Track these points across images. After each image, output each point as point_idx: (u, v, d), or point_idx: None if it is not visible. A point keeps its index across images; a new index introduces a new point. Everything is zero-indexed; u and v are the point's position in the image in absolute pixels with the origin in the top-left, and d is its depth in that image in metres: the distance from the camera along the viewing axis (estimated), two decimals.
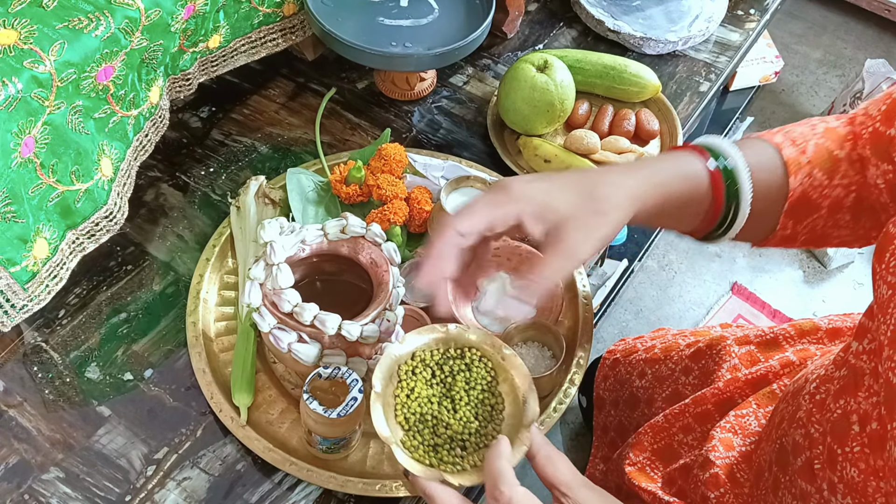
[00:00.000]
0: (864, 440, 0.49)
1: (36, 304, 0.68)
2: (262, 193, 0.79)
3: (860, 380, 0.51)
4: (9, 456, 0.66)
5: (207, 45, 0.78)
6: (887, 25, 2.28)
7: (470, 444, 0.54)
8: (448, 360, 0.57)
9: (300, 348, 0.62)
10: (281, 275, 0.61)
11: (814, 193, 0.59)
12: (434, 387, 0.56)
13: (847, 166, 0.59)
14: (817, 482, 0.54)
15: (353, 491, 0.64)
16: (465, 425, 0.54)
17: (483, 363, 0.57)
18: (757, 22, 1.10)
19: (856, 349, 0.52)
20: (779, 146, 0.59)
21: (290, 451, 0.66)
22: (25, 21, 0.61)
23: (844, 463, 0.50)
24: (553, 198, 0.52)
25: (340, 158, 0.86)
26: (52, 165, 0.65)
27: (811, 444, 0.55)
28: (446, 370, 0.56)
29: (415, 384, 0.55)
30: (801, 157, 0.58)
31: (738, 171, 0.57)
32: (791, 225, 0.60)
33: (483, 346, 0.57)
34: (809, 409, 0.57)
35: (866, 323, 0.52)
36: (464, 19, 0.89)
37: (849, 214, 0.61)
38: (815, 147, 0.59)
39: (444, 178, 0.84)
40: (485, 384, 0.56)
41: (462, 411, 0.55)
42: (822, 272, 1.79)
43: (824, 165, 0.58)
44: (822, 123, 0.61)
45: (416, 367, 0.56)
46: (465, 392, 0.56)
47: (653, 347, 0.91)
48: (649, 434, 0.80)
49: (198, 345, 0.71)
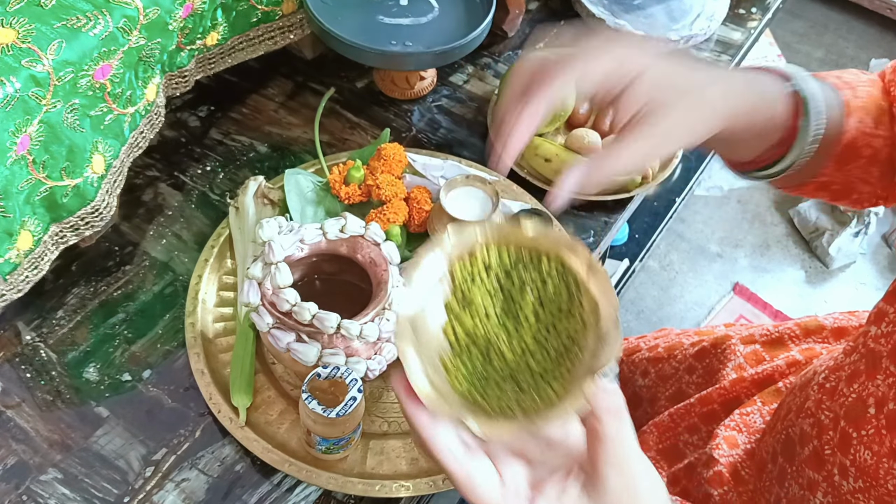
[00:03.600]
0: (881, 422, 0.49)
1: (14, 293, 0.68)
2: (260, 194, 0.78)
3: (878, 363, 0.50)
4: (7, 457, 0.66)
5: (205, 42, 0.78)
6: (890, 24, 2.27)
7: (526, 383, 0.41)
8: (518, 267, 0.43)
9: (299, 348, 0.62)
10: (279, 274, 0.61)
11: (861, 140, 0.58)
12: (495, 298, 0.43)
13: (888, 118, 0.58)
14: (827, 468, 0.53)
15: (353, 491, 0.64)
16: (521, 357, 0.42)
17: (564, 279, 0.43)
18: (759, 21, 1.10)
19: (874, 333, 0.52)
20: (837, 86, 0.58)
21: (290, 451, 0.65)
22: (24, 20, 0.61)
23: (858, 446, 0.50)
24: (678, 73, 0.48)
25: (339, 158, 0.86)
26: (43, 162, 0.64)
27: (820, 432, 0.55)
28: (515, 279, 0.43)
29: (473, 292, 0.43)
30: (856, 101, 0.58)
31: (816, 100, 0.54)
32: (831, 171, 0.59)
33: (564, 254, 0.43)
34: (819, 398, 0.56)
35: (884, 307, 0.52)
36: (464, 18, 0.89)
37: (878, 169, 0.60)
38: (865, 93, 0.58)
39: (443, 178, 0.83)
40: (562, 305, 0.43)
41: (522, 338, 0.42)
42: (824, 272, 1.78)
43: (873, 112, 0.58)
44: (865, 75, 0.61)
45: (478, 270, 0.44)
46: (534, 313, 0.43)
47: (656, 346, 0.90)
48: (654, 434, 0.79)
49: (196, 345, 0.71)
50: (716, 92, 0.50)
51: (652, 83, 0.47)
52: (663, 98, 0.47)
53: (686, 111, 0.48)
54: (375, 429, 0.69)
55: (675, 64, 0.49)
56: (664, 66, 0.48)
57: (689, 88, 0.48)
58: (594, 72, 0.47)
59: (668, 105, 0.47)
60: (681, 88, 0.48)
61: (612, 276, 1.56)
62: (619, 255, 1.60)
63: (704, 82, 0.50)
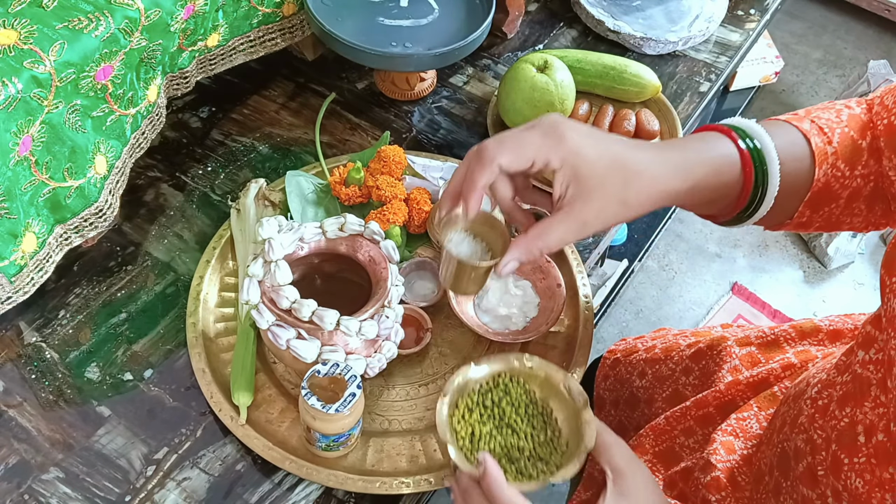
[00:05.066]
0: (870, 451, 0.48)
1: (21, 295, 0.68)
2: (261, 196, 0.79)
3: (866, 390, 0.50)
4: (8, 456, 0.66)
5: (206, 43, 0.78)
6: (887, 25, 2.28)
7: (544, 454, 0.57)
8: (488, 394, 0.59)
9: (299, 345, 0.62)
10: (279, 271, 0.61)
11: (835, 184, 0.58)
12: (487, 422, 0.58)
13: (868, 156, 0.58)
14: (820, 488, 0.53)
15: (353, 489, 0.64)
16: (532, 438, 0.58)
17: (515, 381, 0.60)
18: (757, 22, 1.10)
19: (862, 358, 0.52)
20: (806, 134, 0.58)
21: (290, 449, 0.66)
22: (25, 21, 0.61)
23: (850, 472, 0.50)
24: (596, 166, 0.51)
25: (340, 161, 0.86)
26: (46, 163, 0.65)
27: (813, 450, 0.55)
28: (489, 402, 0.59)
29: (472, 427, 0.57)
30: (827, 148, 0.58)
31: (768, 153, 0.56)
32: (808, 213, 0.60)
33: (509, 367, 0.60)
34: (811, 413, 0.56)
35: (873, 332, 0.51)
36: (464, 19, 0.89)
37: (864, 203, 0.60)
38: (840, 136, 0.58)
39: (442, 179, 0.84)
40: (526, 398, 0.59)
41: (523, 430, 0.58)
42: (823, 272, 1.79)
43: (848, 156, 0.58)
44: (846, 110, 0.61)
45: (463, 412, 0.58)
46: (516, 412, 0.59)
47: (653, 347, 0.90)
48: (650, 436, 0.79)
49: (198, 345, 0.71)
50: (643, 182, 0.52)
51: (573, 173, 0.51)
52: (581, 190, 0.51)
53: (603, 202, 0.52)
54: (376, 427, 0.69)
55: (604, 154, 0.52)
56: (591, 155, 0.52)
57: (610, 181, 0.52)
58: (523, 158, 0.52)
59: (584, 197, 0.51)
60: (600, 180, 0.51)
61: (611, 276, 1.57)
62: (619, 256, 1.61)
63: (630, 173, 0.52)
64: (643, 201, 0.53)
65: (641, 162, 0.53)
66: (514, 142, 0.52)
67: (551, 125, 0.53)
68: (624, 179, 0.52)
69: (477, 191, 0.53)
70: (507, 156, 0.52)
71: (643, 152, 0.54)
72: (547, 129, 0.52)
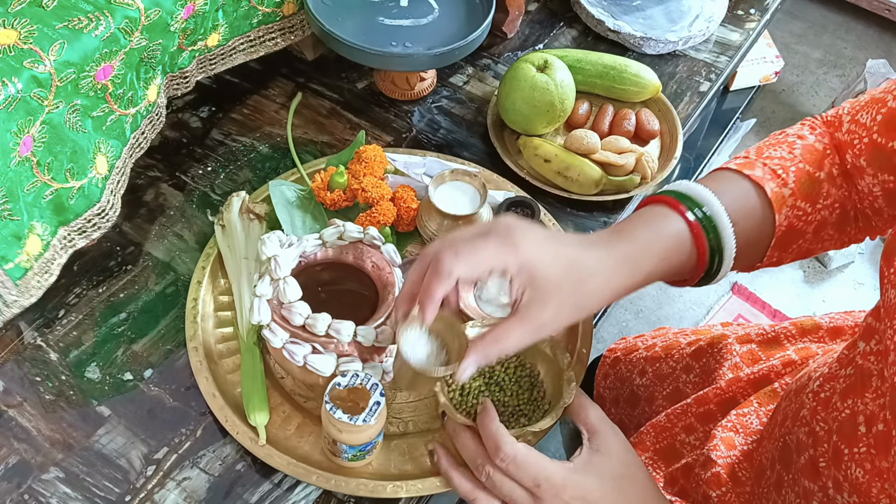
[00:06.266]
0: (870, 441, 0.49)
1: (26, 299, 0.68)
2: (245, 209, 0.77)
3: (867, 380, 0.51)
4: (8, 456, 0.66)
5: (206, 43, 0.78)
6: (888, 25, 2.28)
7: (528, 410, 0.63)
8: None
9: (316, 360, 0.61)
10: (288, 288, 0.61)
11: (799, 223, 0.59)
12: (478, 378, 0.64)
13: (828, 186, 0.58)
14: (822, 480, 0.53)
15: (353, 491, 0.64)
16: (518, 396, 0.64)
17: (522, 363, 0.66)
18: (757, 22, 1.10)
19: (863, 349, 0.52)
20: (759, 182, 0.57)
21: (314, 463, 0.65)
22: (25, 21, 0.61)
23: (850, 463, 0.50)
24: (550, 271, 0.52)
25: (317, 166, 0.85)
26: (48, 164, 0.65)
27: (815, 443, 0.55)
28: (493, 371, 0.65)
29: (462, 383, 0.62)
30: (783, 191, 0.58)
31: (719, 219, 0.56)
32: (778, 254, 0.61)
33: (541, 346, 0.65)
34: (813, 406, 0.57)
35: (873, 324, 0.52)
36: (464, 19, 0.89)
37: (833, 229, 0.61)
38: (795, 174, 0.58)
39: (426, 175, 0.82)
40: (515, 360, 0.65)
41: (510, 388, 0.64)
42: (823, 272, 1.79)
43: (807, 192, 0.58)
44: (799, 140, 0.60)
45: None
46: (504, 372, 0.65)
47: (654, 346, 0.91)
48: (651, 434, 0.80)
49: (203, 369, 0.69)
50: (595, 284, 0.54)
51: (529, 278, 0.52)
52: (537, 294, 0.52)
53: (558, 306, 0.53)
54: (394, 430, 0.69)
55: (558, 257, 0.53)
56: (546, 260, 0.53)
57: (565, 285, 0.53)
58: (479, 268, 0.53)
59: (540, 301, 0.52)
60: (555, 285, 0.52)
61: None
62: None
63: (583, 275, 0.53)
64: (595, 302, 0.54)
65: (593, 264, 0.54)
66: (469, 252, 0.52)
67: (506, 232, 0.53)
68: (577, 282, 0.53)
69: (434, 302, 0.53)
70: (464, 267, 0.52)
71: (595, 251, 0.55)
72: (502, 237, 0.53)
